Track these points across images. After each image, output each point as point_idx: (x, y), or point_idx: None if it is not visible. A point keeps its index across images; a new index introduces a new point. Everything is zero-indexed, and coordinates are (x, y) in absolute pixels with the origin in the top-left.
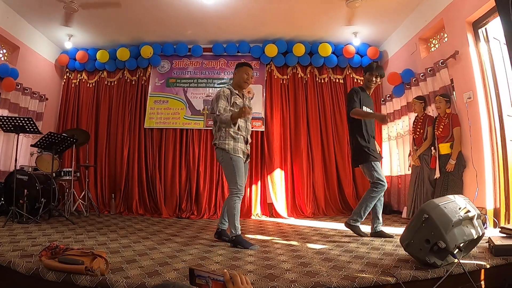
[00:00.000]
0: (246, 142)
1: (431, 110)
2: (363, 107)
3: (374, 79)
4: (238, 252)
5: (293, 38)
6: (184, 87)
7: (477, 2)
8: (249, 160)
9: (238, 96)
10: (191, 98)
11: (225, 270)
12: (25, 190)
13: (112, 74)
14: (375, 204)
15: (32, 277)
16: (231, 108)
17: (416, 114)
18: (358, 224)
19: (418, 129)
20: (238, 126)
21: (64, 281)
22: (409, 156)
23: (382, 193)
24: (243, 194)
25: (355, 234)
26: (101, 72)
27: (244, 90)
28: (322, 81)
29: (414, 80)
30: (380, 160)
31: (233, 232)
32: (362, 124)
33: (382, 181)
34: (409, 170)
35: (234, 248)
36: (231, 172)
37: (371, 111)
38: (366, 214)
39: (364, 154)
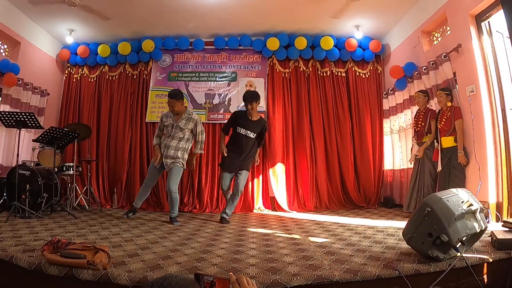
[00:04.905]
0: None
1: (434, 104)
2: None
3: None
4: (240, 246)
5: (295, 31)
6: (186, 81)
7: None
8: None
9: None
10: (193, 92)
11: (231, 273)
12: (27, 185)
13: (113, 69)
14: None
15: (34, 271)
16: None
17: (418, 108)
18: None
19: (419, 122)
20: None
21: (66, 275)
22: (411, 149)
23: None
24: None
25: (357, 228)
26: (102, 66)
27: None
28: (324, 74)
29: (417, 74)
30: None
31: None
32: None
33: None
34: (411, 164)
35: (236, 242)
36: None
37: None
38: None
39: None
